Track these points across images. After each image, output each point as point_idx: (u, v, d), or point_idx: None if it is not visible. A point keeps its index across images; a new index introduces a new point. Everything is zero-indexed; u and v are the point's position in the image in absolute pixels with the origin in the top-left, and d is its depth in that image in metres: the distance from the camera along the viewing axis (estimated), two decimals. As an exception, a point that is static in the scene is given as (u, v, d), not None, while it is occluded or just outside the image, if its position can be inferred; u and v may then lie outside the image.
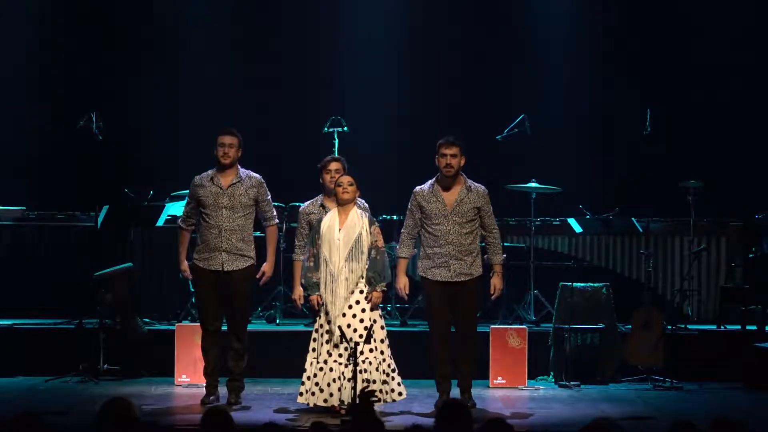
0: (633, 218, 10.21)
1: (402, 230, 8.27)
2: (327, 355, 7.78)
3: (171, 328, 9.43)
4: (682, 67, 11.48)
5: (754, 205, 10.52)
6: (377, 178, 10.28)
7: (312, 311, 8.10)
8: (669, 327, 9.40)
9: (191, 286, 8.56)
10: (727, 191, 10.90)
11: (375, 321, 7.83)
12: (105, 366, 9.12)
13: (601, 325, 9.45)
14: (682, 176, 10.17)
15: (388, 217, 10.15)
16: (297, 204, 8.72)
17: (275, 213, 8.42)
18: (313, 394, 7.79)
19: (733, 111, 11.34)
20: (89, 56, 11.51)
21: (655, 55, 11.48)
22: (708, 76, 11.40)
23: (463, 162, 8.11)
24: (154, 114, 11.49)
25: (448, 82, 11.61)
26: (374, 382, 7.71)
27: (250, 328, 8.55)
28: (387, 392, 7.80)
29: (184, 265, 8.34)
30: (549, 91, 11.46)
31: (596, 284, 9.62)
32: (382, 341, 7.86)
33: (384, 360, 7.82)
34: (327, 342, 7.81)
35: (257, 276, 8.31)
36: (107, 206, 9.86)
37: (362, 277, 7.83)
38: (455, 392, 8.15)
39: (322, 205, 8.24)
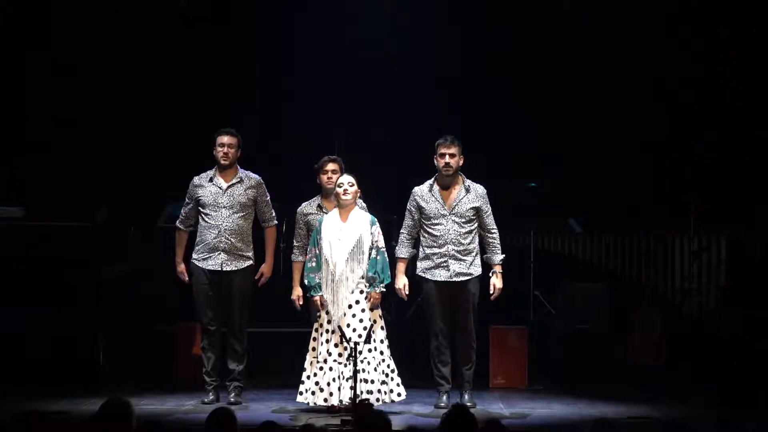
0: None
1: (401, 230, 8.27)
2: (327, 355, 7.79)
3: (171, 328, 9.43)
4: (682, 68, 11.47)
5: (753, 205, 10.52)
6: (377, 178, 10.27)
7: (311, 311, 8.10)
8: (669, 327, 9.40)
9: (193, 287, 8.55)
10: (727, 191, 10.89)
11: (375, 321, 7.83)
12: (105, 366, 9.13)
13: (601, 326, 9.45)
14: (682, 175, 10.17)
15: (388, 217, 10.14)
16: (296, 204, 8.70)
17: (274, 214, 8.42)
18: (312, 393, 7.81)
19: (733, 110, 11.33)
20: (89, 55, 11.50)
21: (657, 54, 11.46)
22: (709, 76, 11.39)
23: (461, 162, 8.11)
24: (154, 114, 11.48)
25: (449, 81, 11.60)
26: (373, 382, 7.72)
27: (249, 328, 8.54)
28: (386, 392, 7.80)
29: (181, 267, 8.34)
30: (550, 90, 11.45)
31: (596, 284, 9.62)
32: (381, 341, 7.86)
33: (383, 360, 7.83)
34: (327, 342, 7.81)
35: (256, 277, 8.31)
36: (107, 206, 9.87)
37: (363, 278, 7.84)
38: (455, 392, 8.15)
39: (320, 206, 8.24)
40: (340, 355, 7.76)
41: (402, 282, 8.11)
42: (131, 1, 11.42)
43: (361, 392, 7.59)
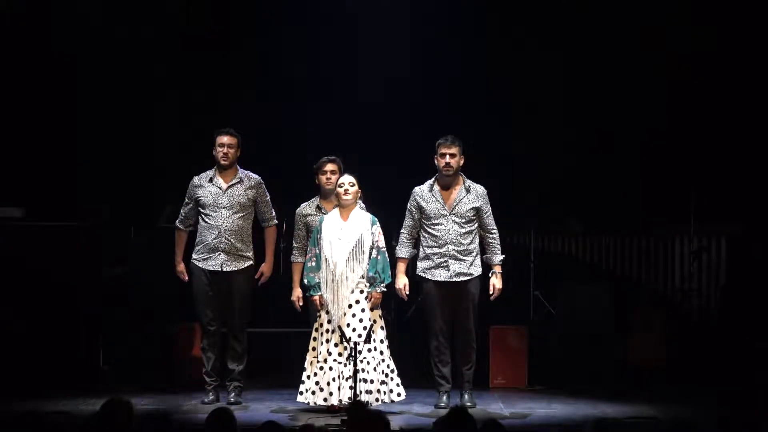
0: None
1: (401, 231, 8.26)
2: (327, 355, 7.79)
3: (171, 328, 9.42)
4: (683, 68, 11.46)
5: (753, 205, 10.51)
6: (376, 178, 10.27)
7: (311, 311, 8.10)
8: (669, 327, 9.39)
9: (193, 287, 8.56)
10: (727, 191, 10.88)
11: (375, 321, 7.83)
12: (105, 366, 9.13)
13: (601, 326, 9.44)
14: (682, 175, 10.17)
15: (388, 217, 10.12)
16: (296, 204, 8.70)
17: (274, 213, 8.42)
18: (312, 393, 7.81)
19: (734, 110, 11.32)
20: (88, 55, 11.50)
21: (657, 55, 11.45)
22: (709, 75, 11.38)
23: (462, 162, 8.11)
24: (153, 113, 11.48)
25: (449, 81, 11.59)
26: (372, 382, 7.72)
27: (249, 328, 8.54)
28: (385, 392, 7.80)
29: (181, 266, 8.35)
30: (550, 91, 11.44)
31: (596, 284, 9.62)
32: (381, 341, 7.86)
33: (383, 360, 7.82)
34: (327, 341, 7.81)
35: (256, 276, 8.31)
36: (108, 206, 9.87)
37: (363, 277, 7.84)
38: (455, 393, 8.15)
39: (319, 207, 8.24)
40: (340, 354, 7.76)
41: (402, 282, 8.11)
42: (133, 3, 11.42)
43: (361, 392, 7.59)
